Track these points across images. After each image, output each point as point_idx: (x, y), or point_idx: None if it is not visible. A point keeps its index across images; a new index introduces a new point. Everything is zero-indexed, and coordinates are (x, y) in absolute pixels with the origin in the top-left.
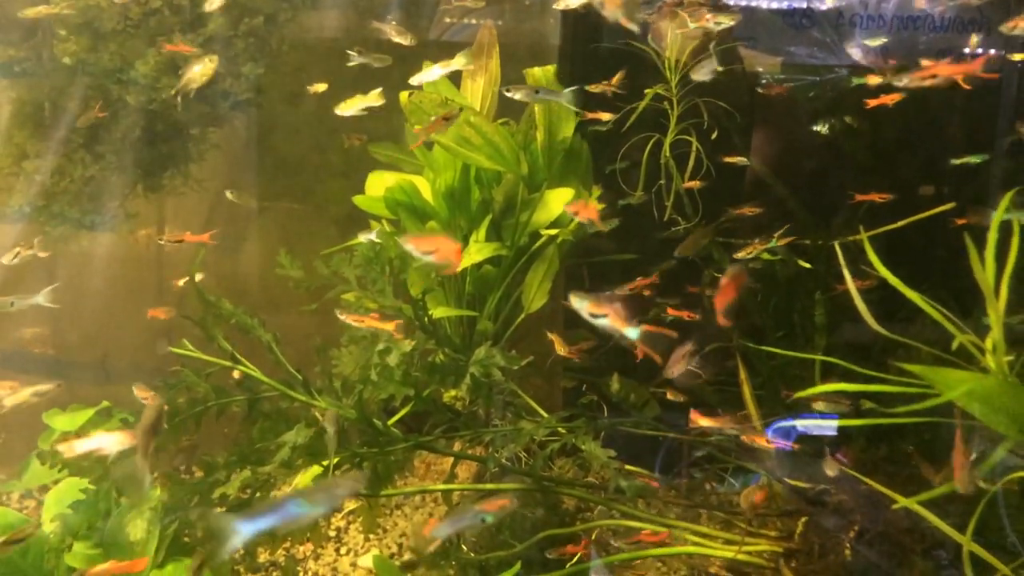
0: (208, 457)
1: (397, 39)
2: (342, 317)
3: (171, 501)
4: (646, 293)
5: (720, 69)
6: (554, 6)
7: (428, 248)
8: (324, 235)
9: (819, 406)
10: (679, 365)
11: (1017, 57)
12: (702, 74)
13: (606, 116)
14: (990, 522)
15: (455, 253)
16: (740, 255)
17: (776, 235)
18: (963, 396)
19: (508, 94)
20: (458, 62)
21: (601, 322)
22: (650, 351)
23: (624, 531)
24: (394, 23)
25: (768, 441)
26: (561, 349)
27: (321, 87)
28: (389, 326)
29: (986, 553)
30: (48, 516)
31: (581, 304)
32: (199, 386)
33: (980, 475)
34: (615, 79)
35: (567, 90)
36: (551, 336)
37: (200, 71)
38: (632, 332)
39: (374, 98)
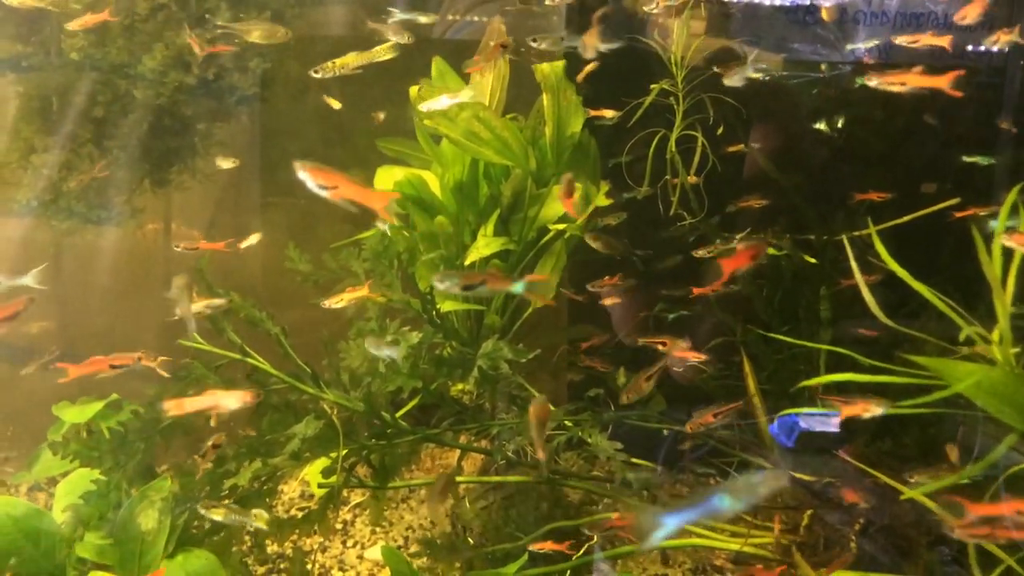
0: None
1: (395, 38)
2: (325, 304)
3: (181, 492)
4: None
5: (751, 75)
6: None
7: (326, 182)
8: (330, 230)
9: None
10: (638, 389)
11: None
12: (735, 80)
13: (610, 113)
14: None
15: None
16: (700, 253)
17: (739, 236)
18: (970, 388)
19: (534, 44)
20: (466, 94)
21: (480, 291)
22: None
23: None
24: (391, 22)
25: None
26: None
27: (335, 104)
28: (363, 291)
29: (992, 546)
30: (59, 507)
31: (449, 282)
32: (209, 379)
33: (982, 468)
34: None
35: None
36: None
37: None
38: (518, 286)
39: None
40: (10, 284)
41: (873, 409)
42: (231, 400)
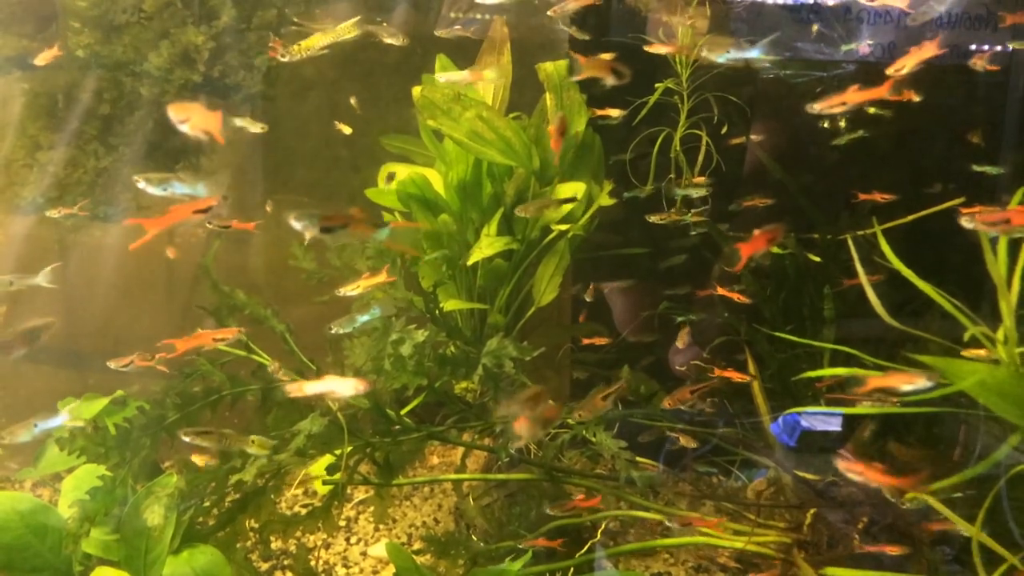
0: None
1: (389, 40)
2: (341, 292)
3: (187, 488)
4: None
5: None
6: None
7: (183, 116)
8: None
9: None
10: (592, 408)
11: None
12: (718, 56)
13: (616, 112)
14: (993, 515)
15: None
16: (653, 218)
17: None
18: (975, 387)
19: (552, 13)
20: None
21: (340, 235)
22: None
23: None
24: (385, 23)
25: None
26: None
27: (347, 129)
28: (381, 277)
29: (996, 544)
30: (65, 502)
31: (307, 221)
32: (214, 375)
33: (986, 467)
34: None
35: None
36: None
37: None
38: (382, 233)
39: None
40: (22, 284)
41: (918, 381)
42: (347, 387)
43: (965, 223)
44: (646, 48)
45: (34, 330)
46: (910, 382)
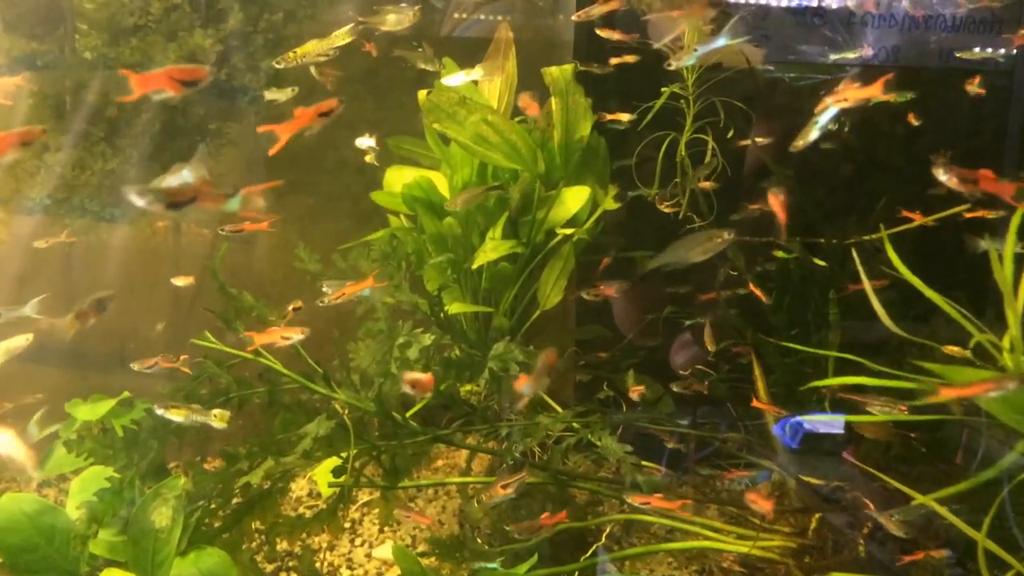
0: (230, 448)
1: (424, 65)
2: (325, 299)
3: (195, 489)
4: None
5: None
6: None
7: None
8: (338, 230)
9: (874, 409)
10: (494, 495)
11: None
12: (680, 63)
13: (624, 117)
14: (995, 519)
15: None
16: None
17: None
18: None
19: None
20: (476, 73)
21: (189, 210)
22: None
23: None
24: (419, 46)
25: None
26: None
27: (370, 159)
28: (368, 283)
29: (1001, 550)
30: (73, 504)
31: (152, 196)
32: (222, 377)
33: (994, 473)
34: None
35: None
36: None
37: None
38: (233, 202)
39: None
40: (10, 316)
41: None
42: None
43: (940, 175)
44: (666, 65)
45: (102, 300)
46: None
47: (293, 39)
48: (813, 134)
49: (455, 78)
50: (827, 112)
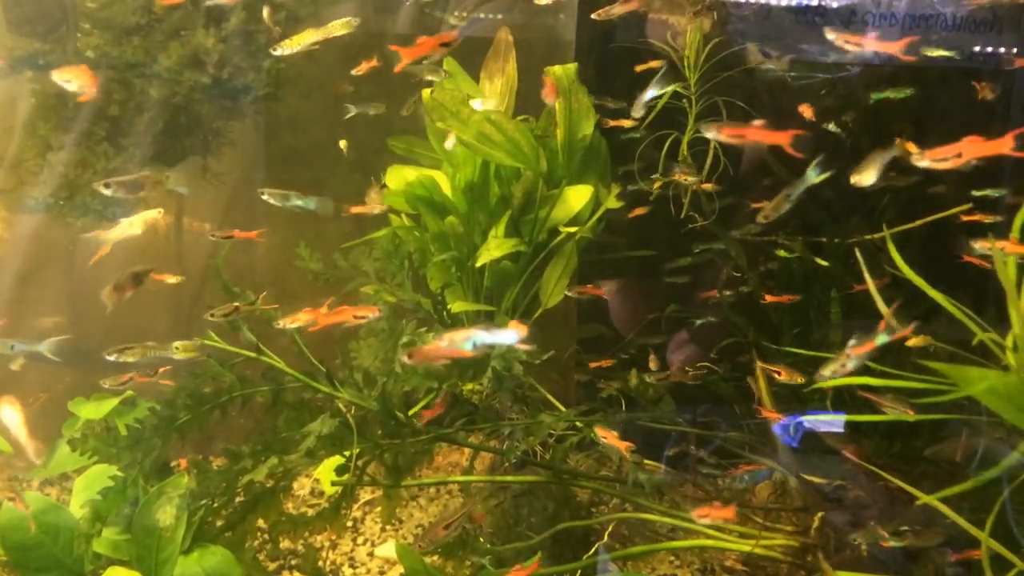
0: (233, 446)
1: (430, 77)
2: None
3: (199, 487)
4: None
5: None
6: None
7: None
8: (338, 228)
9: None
10: (432, 538)
11: None
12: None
13: (629, 124)
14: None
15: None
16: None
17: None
18: (984, 393)
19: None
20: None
21: None
22: None
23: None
24: (427, 61)
25: None
26: None
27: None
28: (322, 310)
29: (1004, 550)
30: (77, 502)
31: None
32: (225, 376)
33: (997, 473)
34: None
35: None
36: None
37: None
38: None
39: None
40: (23, 350)
41: None
42: None
43: (915, 160)
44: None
45: (139, 274)
46: None
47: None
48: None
49: (476, 103)
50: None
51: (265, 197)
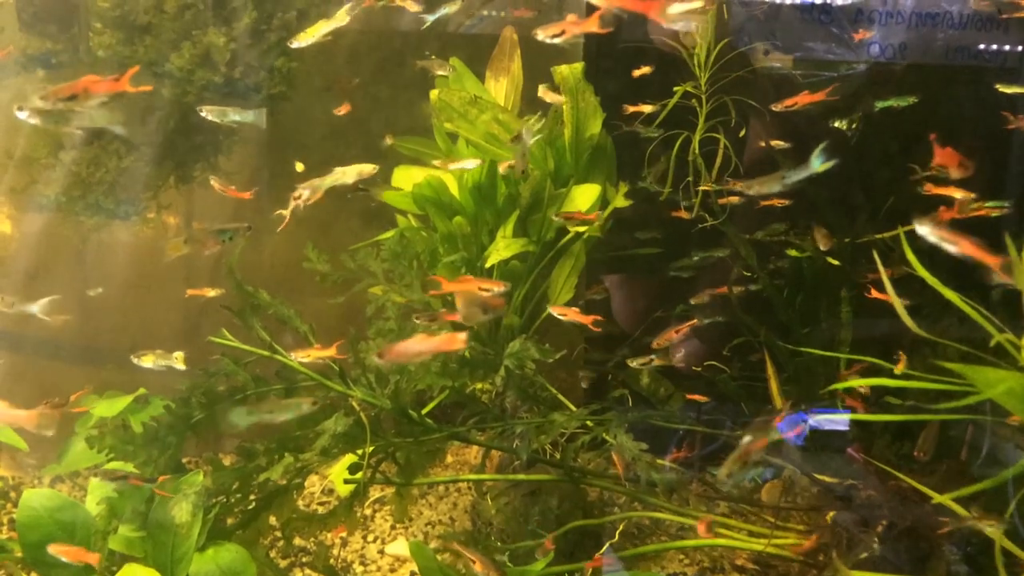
0: (247, 444)
1: (440, 72)
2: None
3: (214, 485)
4: None
5: None
6: None
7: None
8: (347, 228)
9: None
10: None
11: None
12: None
13: (642, 129)
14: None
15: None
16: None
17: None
18: (1002, 395)
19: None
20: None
21: None
22: None
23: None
24: (434, 56)
25: None
26: None
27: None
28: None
29: (1018, 549)
30: (93, 499)
31: None
32: (238, 374)
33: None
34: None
35: None
36: None
37: None
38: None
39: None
40: (21, 309)
41: None
42: None
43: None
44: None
45: (226, 229)
46: None
47: None
48: None
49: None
50: None
51: (204, 114)
